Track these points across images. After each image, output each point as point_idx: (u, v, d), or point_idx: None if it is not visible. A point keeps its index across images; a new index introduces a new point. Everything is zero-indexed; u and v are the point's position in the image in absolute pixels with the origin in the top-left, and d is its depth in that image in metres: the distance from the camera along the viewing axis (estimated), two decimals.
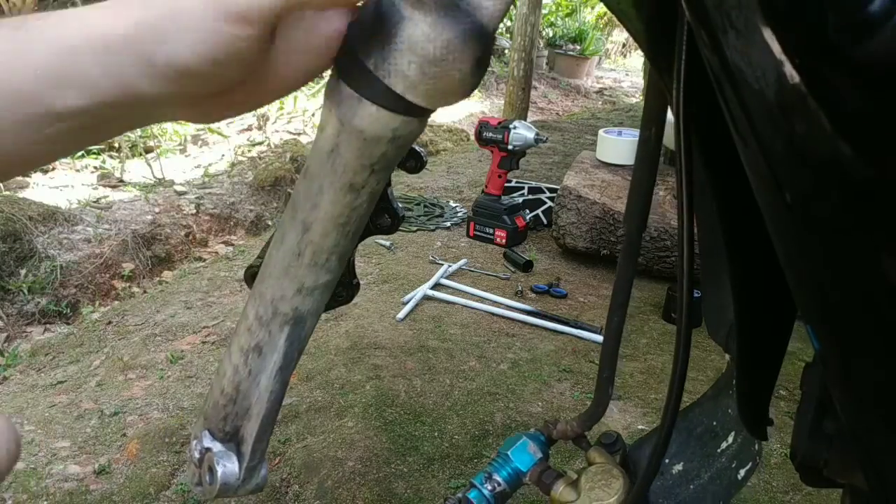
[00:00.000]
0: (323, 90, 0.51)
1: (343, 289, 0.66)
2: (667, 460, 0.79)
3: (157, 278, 3.08)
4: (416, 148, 0.60)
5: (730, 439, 0.75)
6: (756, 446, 0.74)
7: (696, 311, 2.03)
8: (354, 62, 0.43)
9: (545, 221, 2.91)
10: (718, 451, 0.76)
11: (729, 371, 0.75)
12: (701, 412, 0.79)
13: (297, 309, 0.61)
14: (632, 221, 0.74)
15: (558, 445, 0.94)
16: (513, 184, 3.26)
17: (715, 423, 0.77)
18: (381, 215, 0.62)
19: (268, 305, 0.62)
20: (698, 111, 0.51)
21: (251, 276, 0.80)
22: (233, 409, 0.67)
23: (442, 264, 2.42)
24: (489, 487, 0.84)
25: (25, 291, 2.73)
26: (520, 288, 2.27)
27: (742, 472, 0.74)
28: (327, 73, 0.48)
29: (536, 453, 0.86)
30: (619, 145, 2.53)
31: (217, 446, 0.66)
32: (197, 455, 0.67)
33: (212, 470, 0.65)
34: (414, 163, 0.60)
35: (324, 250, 0.58)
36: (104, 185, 3.94)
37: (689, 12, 0.33)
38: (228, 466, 0.65)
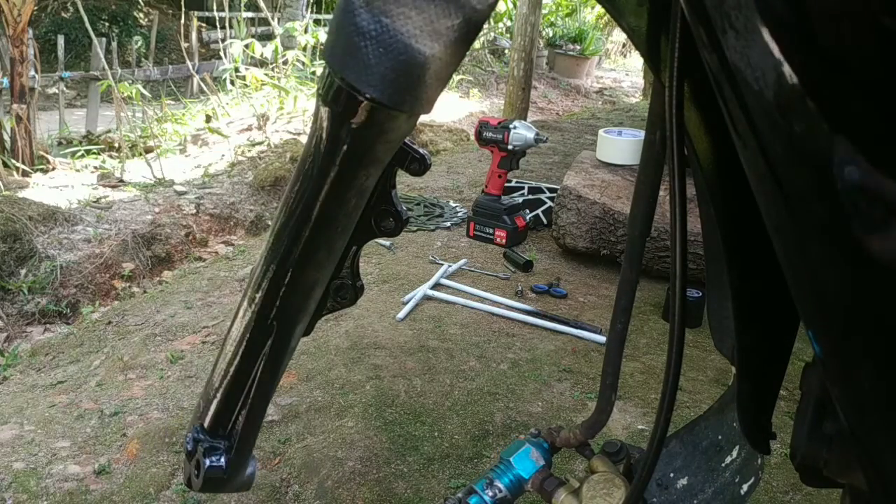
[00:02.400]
0: None
1: (347, 291, 0.66)
2: (672, 474, 0.78)
3: (157, 278, 3.08)
4: (420, 150, 0.60)
5: (734, 453, 0.75)
6: (759, 461, 0.73)
7: (694, 312, 2.05)
8: (347, 55, 0.43)
9: (545, 221, 2.91)
10: (723, 465, 0.76)
11: (735, 384, 0.74)
12: (707, 426, 0.79)
13: (286, 303, 0.61)
14: (635, 226, 0.73)
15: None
16: (513, 184, 3.26)
17: (720, 437, 0.76)
18: (385, 217, 0.62)
19: (258, 298, 0.62)
20: (694, 111, 0.51)
21: None
22: (222, 403, 0.67)
23: (442, 264, 2.42)
24: (490, 494, 0.84)
25: (25, 291, 2.73)
26: (520, 288, 2.27)
27: (745, 488, 0.73)
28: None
29: (539, 460, 0.85)
30: (619, 145, 2.53)
31: (207, 440, 0.66)
32: (189, 447, 0.67)
33: (199, 463, 0.65)
34: (417, 165, 0.60)
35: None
36: (104, 185, 3.94)
37: (689, 13, 0.33)
38: (214, 461, 0.65)
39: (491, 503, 0.84)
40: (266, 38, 6.56)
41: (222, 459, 0.65)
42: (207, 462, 0.64)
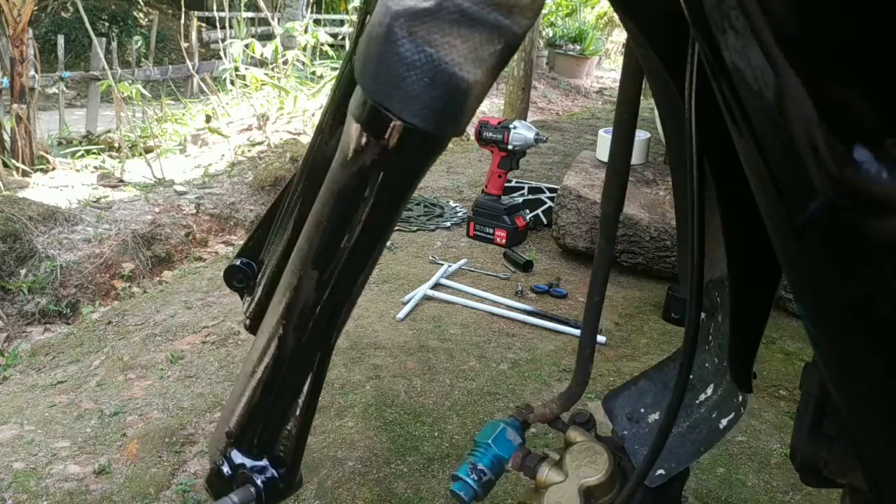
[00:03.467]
0: (323, 91, 0.51)
1: None
2: (642, 409, 0.80)
3: (157, 278, 3.08)
4: None
5: (708, 391, 0.77)
6: (739, 398, 0.75)
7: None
8: (391, 86, 0.44)
9: (545, 221, 2.91)
10: (697, 402, 0.78)
11: (704, 327, 0.77)
12: (675, 366, 0.80)
13: (337, 322, 0.64)
14: (609, 202, 0.76)
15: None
16: (513, 184, 3.26)
17: (692, 378, 0.78)
18: None
19: (309, 324, 0.64)
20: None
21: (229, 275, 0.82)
22: (266, 424, 0.69)
23: (442, 264, 2.42)
24: (475, 477, 0.85)
25: (25, 291, 2.73)
26: (520, 288, 2.27)
27: (724, 422, 0.75)
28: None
29: (515, 439, 0.87)
30: None
31: (250, 462, 0.68)
32: (227, 472, 0.68)
33: (252, 484, 0.67)
34: None
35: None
36: (104, 185, 3.94)
37: (688, 13, 0.33)
38: (269, 477, 0.68)
39: (476, 486, 0.84)
40: (266, 38, 6.56)
41: (276, 475, 0.69)
42: (262, 480, 0.67)
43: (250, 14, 8.28)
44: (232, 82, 5.75)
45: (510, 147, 2.53)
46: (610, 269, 0.79)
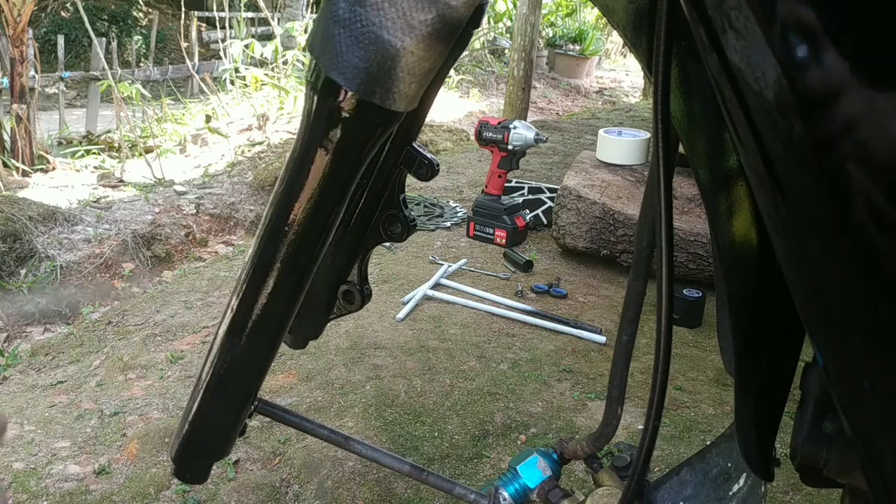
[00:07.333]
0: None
1: (354, 296, 0.67)
2: (682, 503, 0.78)
3: (157, 278, 3.08)
4: (429, 155, 0.60)
5: (741, 481, 0.74)
6: (762, 489, 0.73)
7: (696, 313, 2.05)
8: (324, 43, 0.46)
9: (545, 221, 2.91)
10: (730, 493, 0.75)
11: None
12: (718, 453, 0.78)
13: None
14: (643, 237, 0.71)
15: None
16: (513, 184, 3.26)
17: (730, 465, 0.76)
18: (393, 222, 0.62)
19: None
20: (691, 111, 0.51)
21: None
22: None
23: (442, 264, 2.42)
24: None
25: (25, 291, 2.73)
26: (520, 288, 2.27)
27: None
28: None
29: (546, 470, 0.85)
30: (619, 145, 2.53)
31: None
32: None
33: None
34: (426, 170, 0.60)
35: None
36: (104, 185, 3.94)
37: (689, 13, 0.33)
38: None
39: None
40: (266, 38, 6.56)
41: None
42: None
43: (250, 14, 8.27)
44: (232, 82, 5.75)
45: (510, 147, 2.53)
46: (641, 308, 0.75)
